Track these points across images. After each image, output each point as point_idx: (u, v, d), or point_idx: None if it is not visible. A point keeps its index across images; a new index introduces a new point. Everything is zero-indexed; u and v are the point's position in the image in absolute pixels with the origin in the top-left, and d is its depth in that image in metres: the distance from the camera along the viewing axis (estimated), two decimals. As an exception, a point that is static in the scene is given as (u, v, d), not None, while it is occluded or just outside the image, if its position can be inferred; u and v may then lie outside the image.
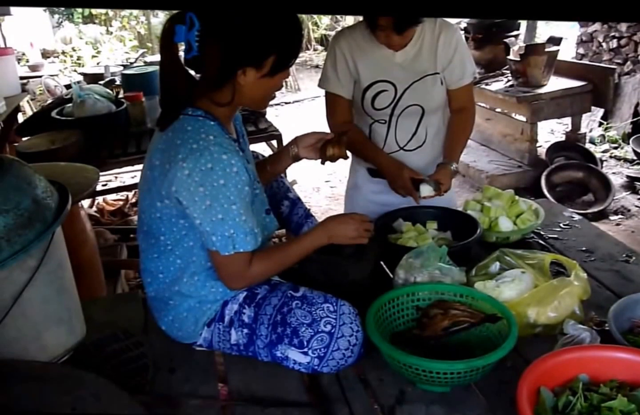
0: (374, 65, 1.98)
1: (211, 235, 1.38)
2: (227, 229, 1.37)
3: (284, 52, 1.42)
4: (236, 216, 1.37)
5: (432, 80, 1.99)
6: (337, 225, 1.58)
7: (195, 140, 1.35)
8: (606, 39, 5.96)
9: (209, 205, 1.35)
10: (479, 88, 5.03)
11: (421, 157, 2.11)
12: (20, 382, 1.23)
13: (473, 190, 4.75)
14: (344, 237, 1.58)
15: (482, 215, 2.04)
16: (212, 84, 1.41)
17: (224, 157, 1.34)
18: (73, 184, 1.74)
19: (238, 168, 1.36)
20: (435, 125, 2.10)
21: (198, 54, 1.35)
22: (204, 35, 1.34)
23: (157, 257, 1.50)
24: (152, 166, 1.43)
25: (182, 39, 1.35)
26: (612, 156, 5.17)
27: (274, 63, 1.41)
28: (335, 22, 10.58)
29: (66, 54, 9.51)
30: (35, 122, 3.54)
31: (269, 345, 1.46)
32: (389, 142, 2.08)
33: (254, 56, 1.38)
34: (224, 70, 1.38)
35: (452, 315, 1.48)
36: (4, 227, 1.28)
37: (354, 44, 1.99)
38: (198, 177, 1.33)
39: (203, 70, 1.42)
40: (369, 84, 1.99)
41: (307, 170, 5.31)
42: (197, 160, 1.33)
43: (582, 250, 2.00)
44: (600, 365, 1.23)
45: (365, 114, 2.05)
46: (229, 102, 1.43)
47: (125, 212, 4.36)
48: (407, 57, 1.96)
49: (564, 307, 1.51)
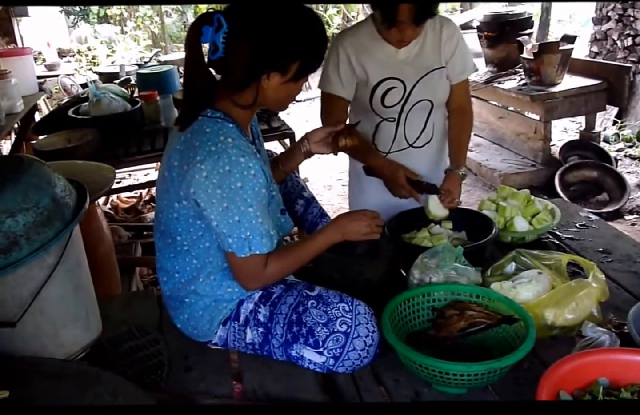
0: (380, 63, 1.98)
1: (227, 237, 1.38)
2: (243, 231, 1.37)
3: (309, 58, 1.43)
4: (253, 219, 1.37)
5: (438, 74, 2.02)
6: (350, 222, 1.58)
7: (214, 142, 1.36)
8: (621, 36, 5.89)
9: (225, 207, 1.35)
10: (492, 86, 4.99)
11: (428, 153, 2.12)
12: (39, 379, 1.24)
13: (486, 188, 4.72)
14: (357, 233, 1.57)
15: (498, 215, 2.03)
16: (235, 85, 1.41)
17: (242, 159, 1.35)
18: (90, 182, 1.75)
19: (256, 171, 1.36)
20: (440, 121, 2.13)
21: (224, 56, 1.36)
22: (232, 37, 1.35)
23: (174, 256, 1.51)
24: (171, 167, 1.43)
25: (209, 40, 1.35)
26: (626, 155, 5.11)
27: (298, 68, 1.42)
28: (347, 21, 10.56)
29: (82, 53, 9.58)
30: (52, 121, 3.57)
31: (284, 345, 1.46)
32: (398, 139, 2.08)
33: (280, 61, 1.39)
34: (250, 73, 1.39)
35: (469, 316, 1.47)
36: (23, 225, 1.29)
37: (358, 44, 1.98)
38: (216, 179, 1.34)
39: (227, 72, 1.42)
40: (378, 81, 1.98)
41: (319, 169, 5.31)
42: (216, 163, 1.33)
43: (599, 251, 1.99)
44: (620, 369, 1.21)
45: (374, 112, 2.04)
46: (251, 104, 1.44)
47: (139, 209, 4.39)
48: (411, 54, 1.98)
49: (582, 309, 1.50)
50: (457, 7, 10.57)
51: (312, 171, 5.20)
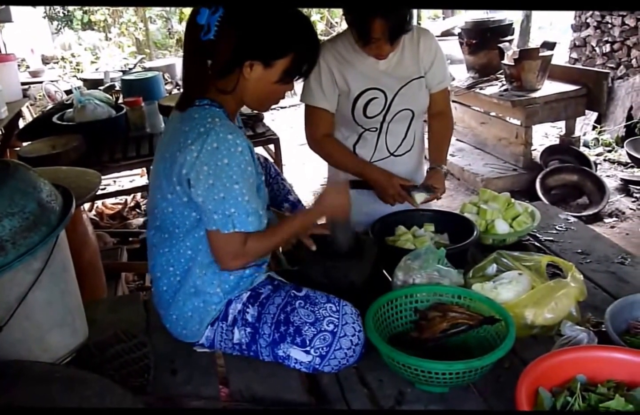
0: (361, 74, 2.00)
1: (213, 213, 1.41)
2: (227, 207, 1.40)
3: (295, 59, 1.45)
4: (238, 195, 1.40)
5: (418, 83, 2.05)
6: (329, 199, 1.63)
7: (203, 124, 1.39)
8: (599, 43, 6.01)
9: (211, 184, 1.38)
10: (474, 92, 5.06)
11: (409, 161, 2.16)
12: (25, 383, 1.24)
13: (468, 193, 4.78)
14: (338, 207, 1.63)
15: (479, 218, 2.06)
16: (219, 70, 1.43)
17: (230, 137, 1.38)
18: (76, 187, 1.76)
19: (243, 148, 1.40)
20: (420, 129, 2.17)
21: (213, 38, 1.38)
22: (224, 21, 1.37)
23: (168, 250, 1.53)
24: (163, 158, 1.46)
25: (204, 21, 1.38)
26: (606, 159, 5.21)
27: (284, 70, 1.44)
28: (330, 27, 10.62)
29: (65, 59, 9.53)
30: (36, 127, 3.56)
31: (272, 344, 1.48)
32: (379, 148, 2.10)
33: (264, 52, 1.42)
34: (234, 58, 1.41)
35: (451, 318, 1.49)
36: (9, 230, 1.29)
37: (339, 56, 2.00)
38: (204, 157, 1.37)
39: (214, 55, 1.42)
40: (359, 92, 2.00)
41: (304, 175, 5.34)
42: (204, 141, 1.37)
43: (578, 252, 2.03)
44: (597, 366, 1.24)
45: (356, 123, 2.06)
46: (231, 91, 1.46)
47: (123, 215, 4.37)
48: (391, 65, 2.00)
49: (561, 308, 1.53)
50: (439, 14, 10.69)
51: (297, 177, 5.23)
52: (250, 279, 1.55)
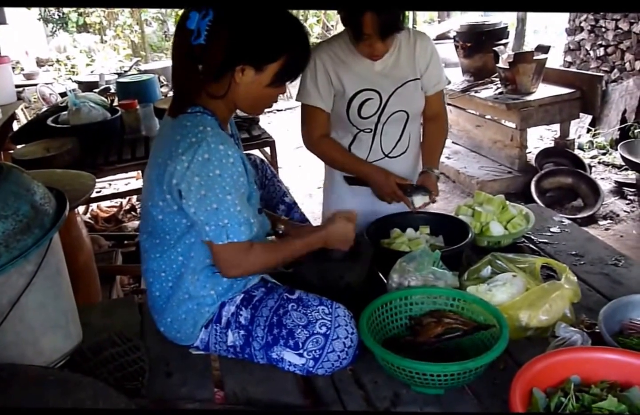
0: (357, 75, 2.01)
1: (205, 225, 1.40)
2: (220, 218, 1.39)
3: (288, 63, 1.45)
4: (231, 206, 1.39)
5: (413, 85, 2.05)
6: (335, 231, 1.63)
7: (194, 133, 1.38)
8: (593, 47, 6.04)
9: (203, 195, 1.37)
10: (469, 95, 5.07)
11: (404, 163, 2.16)
12: (20, 386, 1.24)
13: (464, 195, 4.79)
14: (343, 239, 1.64)
15: (474, 220, 2.07)
16: (210, 74, 1.42)
17: (221, 147, 1.38)
18: (70, 190, 1.75)
19: (234, 159, 1.39)
20: (415, 131, 2.17)
21: (204, 43, 1.37)
22: (215, 25, 1.36)
23: (160, 256, 1.53)
24: (156, 164, 1.46)
25: (194, 26, 1.36)
26: (600, 162, 5.23)
27: (275, 73, 1.44)
28: (326, 30, 10.63)
29: (60, 62, 9.50)
30: (31, 130, 3.53)
31: (265, 347, 1.48)
32: (374, 149, 2.11)
33: (256, 57, 1.41)
34: (225, 62, 1.40)
35: (446, 323, 1.50)
36: (2, 232, 1.29)
37: (335, 56, 2.01)
38: (195, 168, 1.36)
39: (205, 60, 1.41)
40: (354, 93, 2.01)
41: (300, 177, 5.34)
42: (195, 152, 1.36)
43: (572, 254, 2.04)
44: (591, 367, 1.25)
45: (351, 124, 2.07)
46: (222, 96, 1.45)
47: (119, 218, 4.36)
48: (386, 66, 2.01)
49: (555, 310, 1.54)
50: (435, 18, 10.73)
51: (293, 179, 5.23)
52: (244, 281, 1.55)
